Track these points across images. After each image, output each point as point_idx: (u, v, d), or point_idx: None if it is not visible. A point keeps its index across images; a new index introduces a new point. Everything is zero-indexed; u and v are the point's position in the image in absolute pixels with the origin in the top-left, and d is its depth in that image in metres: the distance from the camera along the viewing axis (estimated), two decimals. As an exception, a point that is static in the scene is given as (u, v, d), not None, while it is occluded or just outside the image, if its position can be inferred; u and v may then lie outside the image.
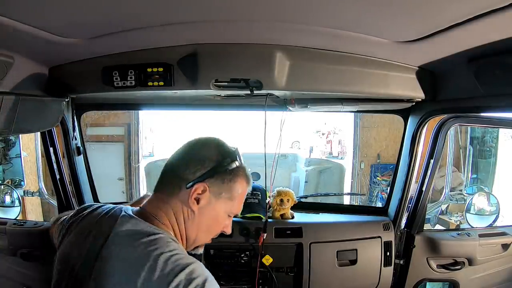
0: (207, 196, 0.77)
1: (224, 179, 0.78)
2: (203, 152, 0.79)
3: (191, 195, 0.76)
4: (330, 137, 10.94)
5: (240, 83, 1.20)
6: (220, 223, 0.84)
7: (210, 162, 0.77)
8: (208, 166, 0.77)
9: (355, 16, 0.83)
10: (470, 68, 1.02)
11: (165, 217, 0.77)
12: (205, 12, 0.85)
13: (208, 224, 0.81)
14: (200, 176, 0.76)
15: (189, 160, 0.78)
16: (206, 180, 0.76)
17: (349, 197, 4.72)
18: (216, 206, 0.79)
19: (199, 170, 0.76)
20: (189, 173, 0.76)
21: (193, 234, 0.80)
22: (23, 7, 0.73)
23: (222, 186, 0.78)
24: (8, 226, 1.60)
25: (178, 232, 0.79)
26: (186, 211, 0.78)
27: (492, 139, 4.08)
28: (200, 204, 0.77)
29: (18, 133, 2.33)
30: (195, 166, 0.76)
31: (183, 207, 0.77)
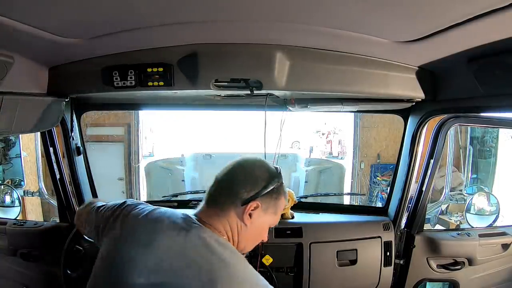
0: (258, 212, 0.87)
1: (272, 197, 0.89)
2: (255, 173, 0.89)
3: (246, 211, 0.85)
4: (330, 137, 10.94)
5: (240, 83, 1.20)
6: (263, 234, 0.94)
7: (262, 182, 0.87)
8: (260, 186, 0.86)
9: (355, 16, 0.83)
10: (470, 68, 1.02)
11: (223, 230, 0.87)
12: (205, 12, 0.85)
13: (255, 235, 0.92)
14: (254, 195, 0.86)
15: (244, 180, 0.87)
16: (258, 198, 0.86)
17: (349, 197, 4.72)
18: (263, 220, 0.89)
19: (253, 190, 0.86)
20: (244, 192, 0.86)
21: (244, 243, 0.90)
22: (23, 7, 0.73)
23: (270, 203, 0.89)
24: (8, 226, 1.60)
25: (232, 242, 0.88)
26: (240, 224, 0.87)
27: (492, 139, 4.08)
28: (252, 219, 0.87)
29: (18, 133, 2.33)
30: (250, 186, 0.86)
31: (238, 221, 0.87)
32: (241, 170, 0.90)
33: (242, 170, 0.90)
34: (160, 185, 4.18)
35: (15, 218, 2.01)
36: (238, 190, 0.86)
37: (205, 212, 0.89)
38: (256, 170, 0.89)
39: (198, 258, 0.77)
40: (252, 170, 0.89)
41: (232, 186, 0.87)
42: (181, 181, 4.23)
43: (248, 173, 0.89)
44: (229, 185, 0.88)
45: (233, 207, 0.86)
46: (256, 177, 0.88)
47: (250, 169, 0.90)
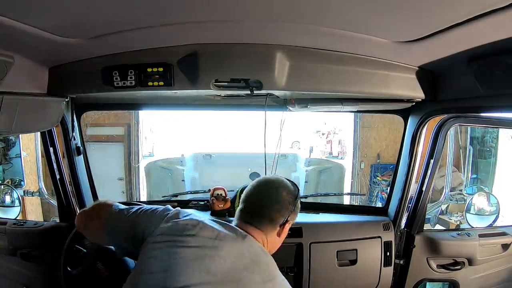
0: (288, 226, 1.03)
1: (296, 212, 1.04)
2: (283, 197, 1.01)
3: (283, 230, 1.02)
4: (330, 137, 10.95)
5: (240, 83, 1.20)
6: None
7: (291, 205, 1.01)
8: (291, 208, 1.01)
9: (355, 16, 0.83)
10: (470, 68, 1.02)
11: (261, 240, 0.98)
12: (205, 12, 0.85)
13: (282, 241, 1.07)
14: (288, 217, 1.01)
15: (277, 207, 1.00)
16: (290, 217, 1.01)
17: (349, 197, 4.72)
18: (288, 228, 1.04)
19: (286, 213, 1.00)
20: (279, 216, 0.99)
21: (273, 249, 1.05)
22: (23, 7, 0.73)
23: (294, 217, 1.04)
24: (8, 226, 1.60)
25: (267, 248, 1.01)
26: (275, 238, 1.02)
27: (492, 139, 4.08)
28: (283, 233, 1.03)
29: (18, 133, 2.34)
30: (283, 210, 1.00)
31: (274, 235, 1.02)
32: (270, 196, 1.01)
33: (271, 196, 1.01)
34: (160, 185, 4.17)
35: (15, 218, 2.01)
36: (275, 217, 0.99)
37: (243, 226, 0.99)
38: (283, 194, 1.01)
39: (254, 260, 0.90)
40: (280, 195, 1.01)
41: (267, 211, 0.99)
42: (181, 181, 4.23)
43: (278, 200, 1.00)
44: (264, 211, 1.00)
45: (271, 228, 1.00)
46: (286, 202, 1.00)
47: (278, 194, 1.01)
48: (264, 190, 1.03)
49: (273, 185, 1.03)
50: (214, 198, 1.63)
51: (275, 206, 1.00)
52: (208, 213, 1.63)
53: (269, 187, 1.03)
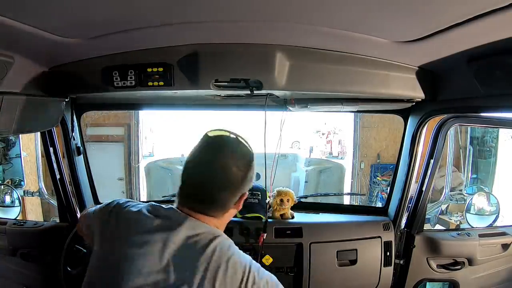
0: (244, 198, 0.89)
1: (251, 179, 0.88)
2: (235, 174, 0.83)
3: (239, 204, 0.88)
4: (330, 137, 10.95)
5: (240, 83, 1.20)
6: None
7: (244, 180, 0.85)
8: (244, 183, 0.85)
9: (356, 16, 0.83)
10: (470, 68, 1.02)
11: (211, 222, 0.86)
12: (205, 12, 0.85)
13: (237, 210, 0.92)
14: (241, 192, 0.86)
15: (226, 191, 0.84)
16: (244, 189, 0.87)
17: (349, 197, 4.72)
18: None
19: (238, 192, 0.85)
20: (231, 198, 0.85)
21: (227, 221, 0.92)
22: (23, 7, 0.73)
23: (250, 186, 0.88)
24: (8, 226, 1.60)
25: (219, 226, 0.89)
26: (230, 213, 0.89)
27: (492, 139, 4.08)
28: (239, 205, 0.89)
29: (18, 133, 2.33)
30: (236, 191, 0.85)
31: (229, 212, 0.89)
32: (218, 179, 0.82)
33: (219, 178, 0.82)
34: (160, 185, 4.17)
35: (15, 218, 2.01)
36: (226, 201, 0.84)
37: (184, 210, 0.84)
38: (234, 171, 0.82)
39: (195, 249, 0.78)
40: (230, 174, 0.82)
41: (216, 199, 0.84)
42: (181, 181, 4.23)
43: (228, 182, 0.83)
44: (211, 198, 0.84)
45: (223, 211, 0.86)
46: (238, 180, 0.83)
47: (229, 174, 0.82)
48: (210, 169, 0.82)
49: (222, 160, 0.82)
50: (214, 198, 1.63)
51: (225, 191, 0.83)
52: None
53: (216, 166, 0.82)
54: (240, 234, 1.52)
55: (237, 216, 1.59)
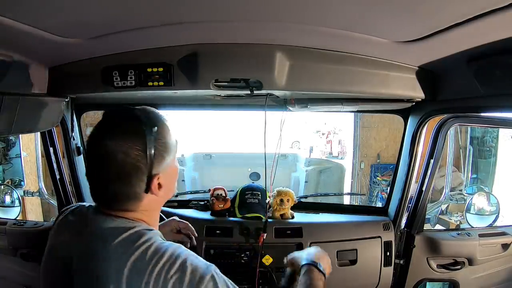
0: (163, 175, 0.72)
1: (161, 156, 0.71)
2: (134, 158, 0.68)
3: (155, 189, 0.72)
4: (330, 137, 10.96)
5: (240, 83, 1.20)
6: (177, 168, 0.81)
7: (146, 160, 0.68)
8: (147, 164, 0.69)
9: (355, 16, 0.83)
10: (470, 68, 1.02)
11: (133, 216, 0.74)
12: (205, 12, 0.85)
13: (171, 187, 0.78)
14: (149, 174, 0.70)
15: (125, 183, 0.69)
16: (154, 170, 0.70)
17: (349, 197, 4.72)
18: (169, 171, 0.75)
19: (143, 175, 0.69)
20: (135, 187, 0.70)
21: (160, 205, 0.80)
22: (23, 7, 0.73)
23: (162, 162, 0.71)
24: (8, 226, 1.60)
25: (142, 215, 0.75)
26: (149, 201, 0.73)
27: (492, 139, 4.08)
28: (163, 185, 0.73)
29: (18, 133, 2.33)
30: (139, 175, 0.69)
31: (146, 200, 0.73)
32: (113, 168, 0.68)
33: (114, 167, 0.68)
34: (160, 185, 4.17)
35: (15, 218, 2.01)
36: (130, 192, 0.70)
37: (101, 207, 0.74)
38: (132, 155, 0.67)
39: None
40: (126, 161, 0.67)
41: (117, 192, 0.70)
42: (181, 181, 4.23)
43: (124, 171, 0.68)
44: (112, 192, 0.70)
45: (135, 202, 0.72)
46: (138, 164, 0.68)
47: (124, 161, 0.67)
48: (95, 160, 0.70)
49: (105, 147, 0.67)
50: (214, 198, 1.63)
51: (116, 183, 0.68)
52: (208, 213, 1.64)
53: (108, 151, 0.67)
54: (240, 234, 1.52)
55: (237, 216, 1.59)
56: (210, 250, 1.51)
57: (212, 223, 1.56)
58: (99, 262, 0.66)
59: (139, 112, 0.71)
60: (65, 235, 0.75)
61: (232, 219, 1.58)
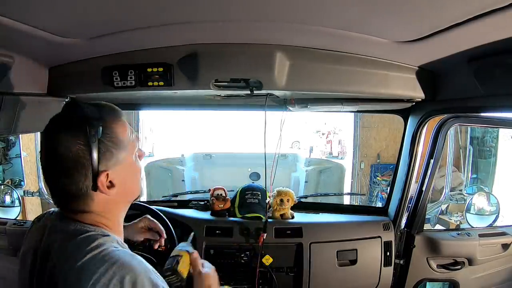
0: (115, 173, 0.69)
1: (108, 151, 0.68)
2: (75, 153, 0.64)
3: (102, 190, 0.68)
4: (330, 137, 10.96)
5: (240, 83, 1.20)
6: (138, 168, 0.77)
7: (87, 159, 0.65)
8: (88, 161, 0.65)
9: (355, 16, 0.83)
10: (470, 68, 1.02)
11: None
12: (205, 12, 0.85)
13: (130, 182, 0.74)
14: (94, 170, 0.66)
15: (67, 179, 0.66)
16: (101, 166, 0.67)
17: (349, 197, 4.72)
18: (125, 165, 0.71)
19: (87, 170, 0.65)
20: (80, 184, 0.66)
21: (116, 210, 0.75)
22: (23, 7, 0.73)
23: (112, 153, 0.68)
24: (8, 226, 1.60)
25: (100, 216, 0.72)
26: (100, 201, 0.70)
27: (492, 139, 4.08)
28: (116, 183, 0.69)
29: (18, 133, 2.33)
30: (78, 175, 0.65)
31: (97, 200, 0.70)
32: (54, 162, 0.66)
33: (54, 161, 0.66)
34: (160, 185, 4.17)
35: (15, 218, 2.01)
36: (72, 189, 0.66)
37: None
38: (72, 149, 0.64)
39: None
40: (67, 155, 0.64)
41: (61, 188, 0.67)
42: (181, 181, 4.23)
43: (66, 166, 0.65)
44: (58, 187, 0.68)
45: (89, 202, 0.69)
46: (80, 160, 0.64)
47: (64, 155, 0.64)
48: (48, 150, 0.67)
49: (58, 138, 0.65)
50: (214, 198, 1.63)
51: (67, 178, 0.65)
52: (208, 213, 1.64)
53: (52, 145, 0.65)
54: (240, 234, 1.52)
55: (237, 216, 1.59)
56: (210, 250, 1.51)
57: (212, 223, 1.56)
58: (53, 263, 0.65)
59: (88, 107, 0.69)
60: (31, 242, 0.74)
61: (232, 219, 1.58)
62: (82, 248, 0.63)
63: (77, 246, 0.64)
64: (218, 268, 1.51)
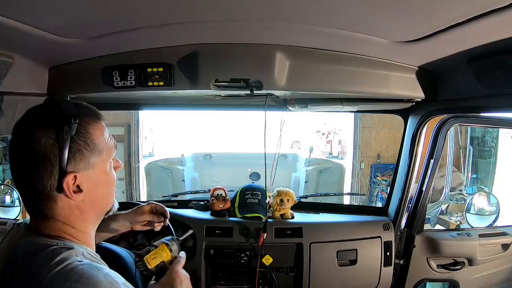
0: (84, 177, 0.65)
1: (78, 145, 0.63)
2: (43, 146, 0.60)
3: (66, 192, 0.63)
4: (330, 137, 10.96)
5: (240, 83, 1.20)
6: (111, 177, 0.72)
7: (56, 150, 0.61)
8: (56, 157, 0.61)
9: (355, 16, 0.83)
10: (470, 68, 1.02)
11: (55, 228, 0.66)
12: (205, 12, 0.85)
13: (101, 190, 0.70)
14: (61, 170, 0.62)
15: (37, 167, 0.61)
16: (69, 167, 0.62)
17: (349, 197, 4.72)
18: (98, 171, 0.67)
19: (53, 167, 0.61)
20: (46, 180, 0.62)
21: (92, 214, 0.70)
22: (23, 7, 0.73)
23: (83, 154, 0.64)
24: (8, 226, 1.60)
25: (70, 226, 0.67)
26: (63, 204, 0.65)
27: (492, 139, 4.08)
28: (85, 189, 0.65)
29: (18, 133, 2.33)
30: (48, 168, 0.61)
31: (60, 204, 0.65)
32: (21, 156, 0.63)
33: (21, 155, 0.62)
34: (160, 185, 4.17)
35: (15, 218, 2.01)
36: (37, 186, 0.61)
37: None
38: (41, 142, 0.61)
39: None
40: (34, 148, 0.61)
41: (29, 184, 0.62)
42: (181, 181, 4.23)
43: (34, 153, 0.60)
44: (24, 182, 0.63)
45: (51, 204, 0.64)
46: (44, 152, 0.61)
47: (32, 148, 0.61)
48: (17, 142, 0.64)
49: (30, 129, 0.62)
50: (214, 198, 1.63)
51: (31, 172, 0.61)
52: (208, 213, 1.64)
53: (22, 136, 0.63)
54: (240, 234, 1.52)
55: (237, 216, 1.59)
56: (210, 250, 1.51)
57: (212, 223, 1.56)
58: (19, 282, 0.60)
59: (67, 104, 0.66)
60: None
61: (232, 219, 1.58)
62: (44, 265, 0.59)
63: (40, 264, 0.59)
64: (218, 268, 1.53)
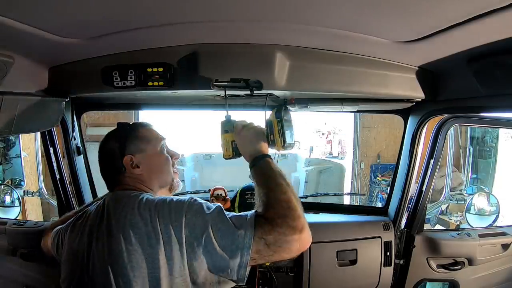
0: (139, 157, 0.98)
1: (131, 138, 1.00)
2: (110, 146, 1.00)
3: (127, 168, 0.97)
4: (330, 137, 10.96)
5: (240, 83, 1.20)
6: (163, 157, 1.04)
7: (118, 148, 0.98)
8: (118, 149, 0.98)
9: (355, 16, 0.83)
10: (470, 68, 1.02)
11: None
12: (205, 12, 0.85)
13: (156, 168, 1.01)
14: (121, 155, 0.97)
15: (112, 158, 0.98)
16: (126, 151, 0.97)
17: (349, 197, 4.72)
18: (150, 154, 1.00)
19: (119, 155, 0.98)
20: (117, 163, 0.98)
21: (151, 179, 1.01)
22: (23, 7, 0.73)
23: (134, 143, 0.99)
24: (8, 226, 1.60)
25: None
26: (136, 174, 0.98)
27: (492, 139, 4.08)
28: (141, 164, 0.98)
29: (18, 133, 2.33)
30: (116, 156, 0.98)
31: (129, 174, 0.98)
32: (105, 153, 1.01)
33: (105, 152, 1.01)
34: (160, 185, 4.17)
35: (15, 218, 2.01)
36: (113, 167, 0.97)
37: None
38: (111, 144, 0.99)
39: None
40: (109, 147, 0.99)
41: (109, 168, 1.00)
42: (181, 181, 4.23)
43: (109, 152, 0.99)
44: (108, 168, 1.01)
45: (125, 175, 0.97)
46: (113, 148, 0.98)
47: (112, 155, 0.99)
48: (100, 151, 1.02)
49: (106, 143, 1.01)
50: (214, 198, 1.63)
51: (109, 162, 0.99)
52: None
53: (102, 147, 1.01)
54: (240, 234, 1.52)
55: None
56: (210, 250, 1.51)
57: (212, 223, 1.55)
58: (109, 219, 0.87)
59: (122, 125, 1.05)
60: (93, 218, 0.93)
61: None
62: (132, 199, 0.87)
63: (129, 199, 0.87)
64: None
